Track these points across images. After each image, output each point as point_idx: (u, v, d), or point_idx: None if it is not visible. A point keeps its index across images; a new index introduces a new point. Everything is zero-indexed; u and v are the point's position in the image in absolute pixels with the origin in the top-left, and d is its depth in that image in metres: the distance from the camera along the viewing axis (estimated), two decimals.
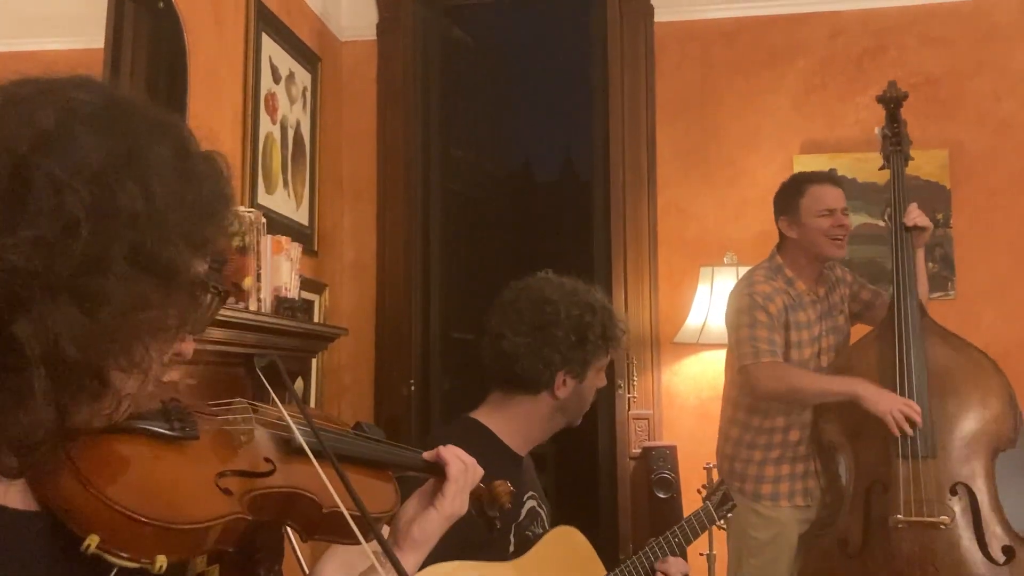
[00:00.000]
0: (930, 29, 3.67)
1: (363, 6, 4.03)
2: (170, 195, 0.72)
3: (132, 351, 0.72)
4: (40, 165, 0.68)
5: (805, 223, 2.74)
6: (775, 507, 2.73)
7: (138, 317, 0.71)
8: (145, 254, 0.70)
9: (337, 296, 3.88)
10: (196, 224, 0.74)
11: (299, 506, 0.90)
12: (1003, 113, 3.62)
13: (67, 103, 0.72)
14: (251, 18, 3.14)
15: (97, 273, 0.68)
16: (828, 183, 2.80)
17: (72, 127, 0.70)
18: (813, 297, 2.78)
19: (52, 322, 0.67)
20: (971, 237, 3.59)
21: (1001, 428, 2.56)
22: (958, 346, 2.65)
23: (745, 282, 2.80)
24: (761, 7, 3.77)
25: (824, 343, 2.77)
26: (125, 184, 0.70)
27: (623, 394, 3.70)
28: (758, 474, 2.74)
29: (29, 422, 0.68)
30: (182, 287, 0.74)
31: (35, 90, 0.73)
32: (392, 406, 3.88)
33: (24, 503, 0.74)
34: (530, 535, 1.75)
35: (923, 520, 2.47)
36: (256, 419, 0.93)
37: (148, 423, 0.80)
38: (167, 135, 0.75)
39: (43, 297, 0.67)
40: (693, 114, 3.81)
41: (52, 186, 0.67)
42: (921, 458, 2.50)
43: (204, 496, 0.79)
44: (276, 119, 3.35)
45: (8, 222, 0.66)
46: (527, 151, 6.52)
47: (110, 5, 2.40)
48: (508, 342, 1.73)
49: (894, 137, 2.82)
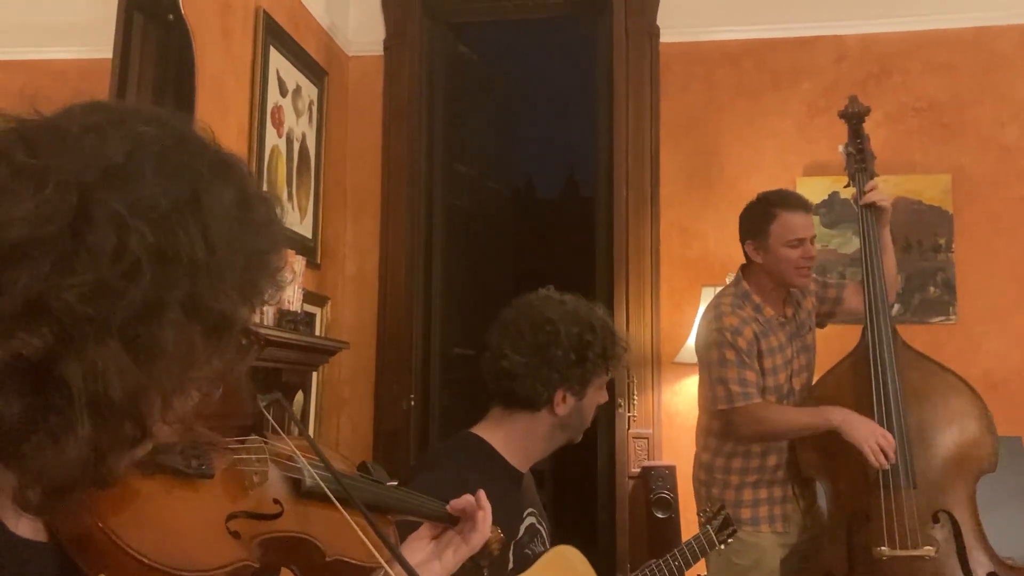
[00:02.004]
0: (934, 55, 3.69)
1: (371, 21, 4.06)
2: (229, 243, 0.70)
3: (176, 401, 0.71)
4: (105, 201, 0.65)
5: (773, 251, 2.63)
6: (756, 532, 2.65)
7: (186, 368, 0.69)
8: (201, 304, 0.68)
9: (339, 309, 3.88)
10: (250, 274, 0.73)
11: (303, 552, 0.90)
12: (1006, 139, 3.63)
13: (137, 137, 0.69)
14: (259, 31, 3.16)
15: (152, 320, 0.66)
16: (799, 210, 2.65)
17: (141, 163, 0.68)
18: (782, 319, 2.70)
19: (102, 366, 0.64)
20: (973, 262, 3.59)
21: (980, 452, 2.52)
22: (932, 370, 2.59)
23: (713, 314, 2.69)
24: (766, 30, 3.80)
25: (796, 364, 2.72)
26: (188, 229, 0.68)
27: (623, 413, 3.69)
28: (736, 499, 2.66)
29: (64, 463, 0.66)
30: (231, 338, 0.72)
31: (106, 119, 0.70)
32: (391, 420, 3.87)
33: (35, 533, 0.73)
34: (529, 553, 1.75)
35: (909, 553, 2.42)
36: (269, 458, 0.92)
37: (166, 458, 0.79)
38: (229, 178, 0.73)
39: (96, 340, 0.64)
40: (697, 135, 3.83)
41: (115, 225, 0.65)
42: (904, 488, 2.46)
43: (214, 541, 0.79)
44: (282, 132, 3.36)
45: (67, 261, 0.64)
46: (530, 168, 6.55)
47: (119, 16, 2.41)
48: (508, 361, 1.73)
49: (858, 154, 2.72)
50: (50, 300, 0.63)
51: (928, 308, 3.61)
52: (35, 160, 0.66)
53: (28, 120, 0.69)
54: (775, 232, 2.63)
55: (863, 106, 2.81)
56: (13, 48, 2.15)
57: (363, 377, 3.91)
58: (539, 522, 1.81)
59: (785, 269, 2.64)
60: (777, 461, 2.68)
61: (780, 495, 2.69)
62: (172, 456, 0.80)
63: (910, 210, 3.62)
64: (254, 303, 0.75)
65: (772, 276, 2.68)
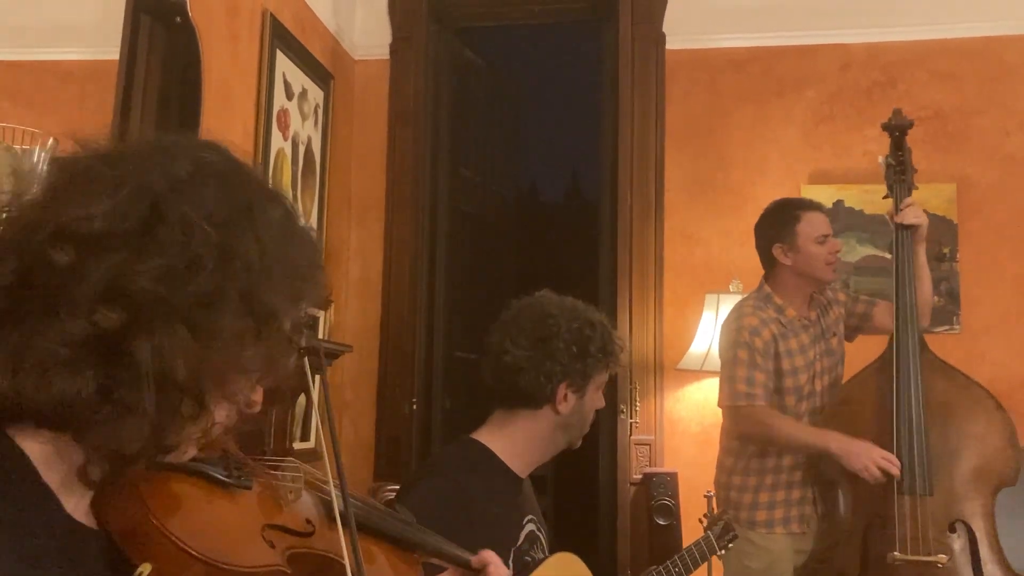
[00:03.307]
0: (940, 64, 3.69)
1: (377, 25, 4.06)
2: (277, 251, 0.80)
3: (229, 382, 0.79)
4: (174, 205, 0.76)
5: (803, 249, 2.72)
6: (770, 535, 2.70)
7: (239, 352, 0.78)
8: (254, 297, 0.78)
9: (342, 313, 3.88)
10: (294, 280, 0.82)
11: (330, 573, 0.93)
12: (1011, 149, 3.63)
13: (199, 158, 0.81)
14: (266, 35, 3.16)
15: (213, 307, 0.75)
16: (817, 209, 2.81)
17: (203, 179, 0.79)
18: (805, 322, 2.76)
19: (169, 345, 0.73)
20: (977, 272, 3.59)
21: (1001, 465, 2.53)
22: (959, 382, 2.61)
23: (735, 315, 2.78)
24: (772, 37, 3.80)
25: (818, 366, 2.76)
26: (245, 234, 0.78)
27: (625, 419, 3.69)
28: (753, 501, 2.72)
29: (130, 436, 0.74)
30: (277, 334, 0.81)
31: (172, 144, 0.82)
32: (393, 424, 3.87)
33: (87, 519, 0.78)
34: (529, 560, 1.75)
35: (920, 559, 2.43)
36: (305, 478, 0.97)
37: (209, 467, 0.85)
38: (278, 201, 0.84)
39: (163, 321, 0.73)
40: (702, 141, 3.83)
41: (183, 224, 0.75)
42: (919, 495, 2.47)
43: (251, 544, 0.83)
44: (288, 135, 3.37)
45: (142, 249, 0.74)
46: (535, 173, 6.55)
47: (126, 18, 2.42)
48: (510, 356, 1.74)
49: (898, 166, 2.75)
50: (126, 283, 0.72)
51: (932, 317, 3.59)
52: (114, 171, 0.77)
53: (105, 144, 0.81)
54: (803, 231, 2.73)
55: (906, 119, 2.82)
56: (21, 48, 2.16)
57: (366, 380, 3.91)
58: (538, 529, 1.81)
59: (816, 265, 2.73)
60: (795, 462, 2.71)
61: (798, 496, 2.73)
62: (216, 467, 0.86)
63: None
64: (298, 307, 0.84)
65: (802, 275, 2.75)
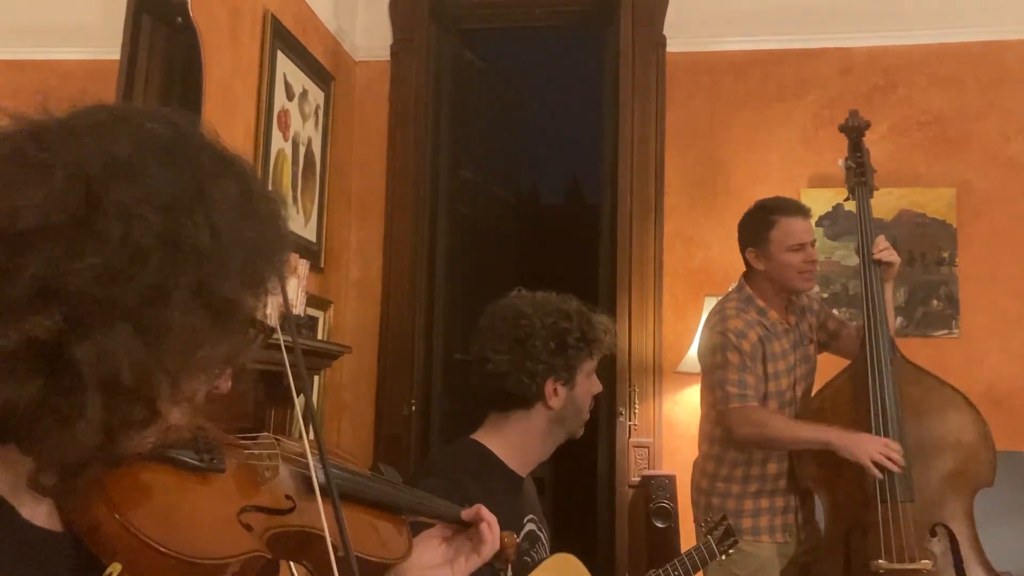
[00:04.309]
0: (940, 68, 3.69)
1: (378, 27, 4.07)
2: (233, 232, 0.73)
3: (184, 383, 0.73)
4: (112, 192, 0.68)
5: (775, 257, 2.67)
6: (756, 542, 2.65)
7: (193, 350, 0.72)
8: (207, 289, 0.71)
9: (341, 314, 3.88)
10: (255, 263, 0.75)
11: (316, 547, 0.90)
12: (1011, 154, 3.63)
13: (141, 133, 0.73)
14: (267, 35, 3.17)
15: (160, 304, 0.69)
16: (797, 215, 2.69)
17: (145, 158, 0.71)
18: (785, 326, 2.72)
19: (112, 348, 0.67)
20: (976, 276, 3.59)
21: (978, 466, 2.52)
22: (931, 384, 2.59)
23: (717, 317, 2.71)
24: (772, 41, 3.80)
25: (797, 372, 2.73)
26: (193, 218, 0.70)
27: (624, 421, 3.69)
28: (737, 508, 2.66)
29: (77, 445, 0.68)
30: (236, 324, 0.75)
31: (110, 118, 0.74)
32: (392, 426, 3.87)
33: (49, 523, 0.74)
34: (528, 560, 1.75)
35: (905, 567, 2.42)
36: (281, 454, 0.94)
37: (178, 452, 0.81)
38: (233, 172, 0.76)
39: (105, 323, 0.67)
40: (702, 145, 3.83)
41: (122, 213, 0.68)
42: (901, 502, 2.45)
43: (227, 532, 0.80)
44: (288, 136, 3.37)
45: (77, 247, 0.66)
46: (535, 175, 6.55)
47: (127, 18, 2.42)
48: (492, 363, 1.75)
49: (858, 168, 2.74)
50: (60, 284, 0.66)
51: (931, 322, 3.60)
52: (45, 154, 0.68)
53: (38, 119, 0.72)
54: (775, 239, 2.67)
55: (863, 120, 2.84)
56: (21, 48, 2.16)
57: (365, 382, 3.91)
58: (539, 528, 1.81)
59: (788, 274, 2.67)
60: (778, 470, 2.68)
61: (782, 505, 2.69)
62: (185, 451, 0.81)
63: (914, 223, 3.62)
64: (258, 292, 0.77)
65: (775, 282, 2.70)
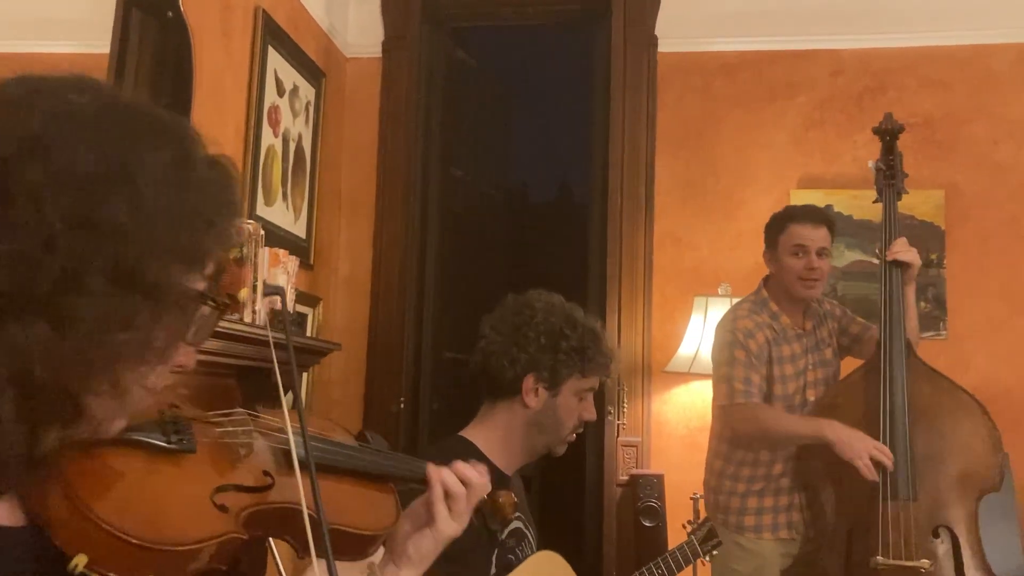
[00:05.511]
0: (929, 71, 3.71)
1: (370, 24, 4.06)
2: (163, 207, 0.67)
3: (109, 374, 0.67)
4: (24, 172, 0.63)
5: (780, 260, 2.72)
6: (758, 540, 2.71)
7: (116, 338, 0.66)
8: (127, 270, 0.65)
9: (331, 310, 3.87)
10: (192, 236, 0.69)
11: (298, 522, 0.87)
12: (999, 157, 3.65)
13: (61, 106, 0.67)
14: (258, 31, 3.16)
15: (72, 291, 0.63)
16: (809, 222, 2.70)
17: (62, 131, 0.65)
18: (799, 331, 2.75)
19: (22, 341, 0.62)
20: (964, 278, 3.61)
21: (986, 472, 2.54)
22: (945, 387, 2.62)
23: (730, 316, 2.78)
24: (764, 42, 3.81)
25: (811, 377, 2.75)
26: (110, 194, 0.65)
27: (612, 420, 3.70)
28: (741, 506, 2.73)
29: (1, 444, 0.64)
30: (170, 304, 0.68)
31: (28, 90, 0.69)
32: (381, 423, 3.86)
33: (11, 518, 0.71)
34: (512, 558, 1.75)
35: (903, 564, 2.44)
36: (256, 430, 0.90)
37: (144, 435, 0.77)
38: (168, 141, 0.70)
39: (14, 315, 0.62)
40: (692, 145, 3.84)
41: (32, 195, 0.63)
42: (903, 500, 2.48)
43: (198, 515, 0.77)
44: (278, 132, 3.36)
45: None
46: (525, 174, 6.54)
47: (117, 11, 2.40)
48: (486, 340, 1.77)
49: (888, 171, 2.76)
50: None
51: (918, 324, 3.61)
52: None
53: None
54: (782, 242, 2.72)
55: (897, 123, 2.83)
56: (9, 41, 2.15)
57: (354, 379, 3.91)
58: (526, 527, 1.81)
59: (788, 279, 2.70)
60: (783, 469, 2.72)
61: (786, 503, 2.73)
62: (151, 433, 0.78)
63: (902, 225, 3.61)
64: (199, 265, 0.71)
65: (781, 286, 2.74)
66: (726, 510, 2.75)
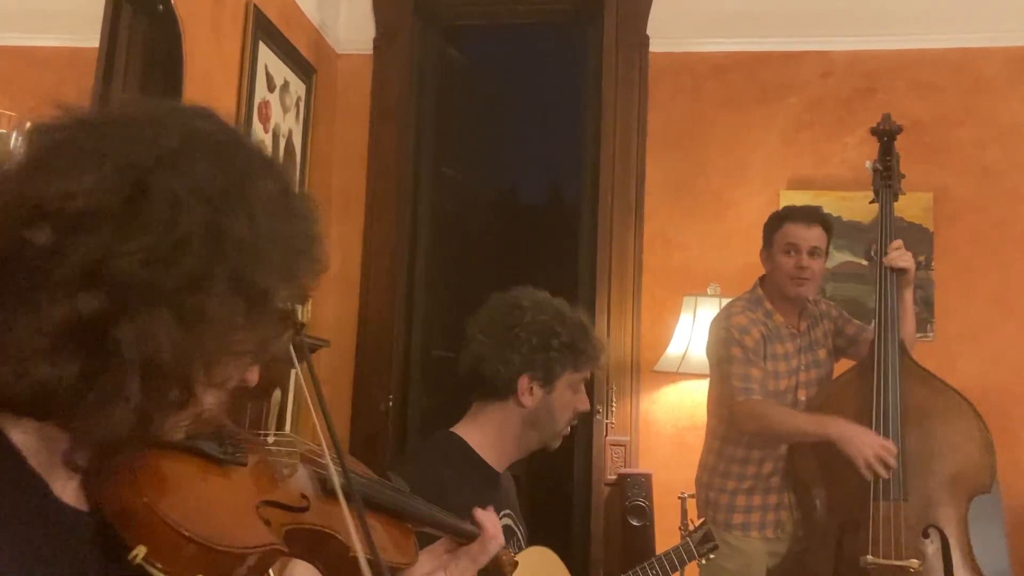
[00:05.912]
0: (919, 74, 3.72)
1: (361, 21, 4.05)
2: (272, 227, 0.75)
3: (218, 368, 0.75)
4: (161, 180, 0.71)
5: (773, 258, 2.74)
6: (745, 538, 2.72)
7: (228, 336, 0.74)
8: (244, 278, 0.73)
9: (319, 308, 3.86)
10: (290, 258, 0.78)
11: (328, 547, 0.92)
12: (987, 160, 3.67)
13: (190, 129, 0.76)
14: (249, 26, 3.14)
15: (200, 290, 0.71)
16: (803, 221, 2.72)
17: (195, 151, 0.74)
18: (793, 331, 2.77)
19: (153, 330, 0.69)
20: (952, 281, 3.63)
21: (977, 473, 2.55)
22: (938, 389, 2.63)
23: (724, 314, 2.80)
24: (755, 43, 3.82)
25: (803, 376, 2.77)
26: (235, 210, 0.74)
27: (601, 419, 3.70)
28: (730, 503, 2.74)
29: (114, 424, 0.70)
30: (269, 315, 0.77)
31: (161, 112, 0.78)
32: (370, 421, 3.86)
33: (77, 501, 0.76)
34: None
35: (893, 563, 2.45)
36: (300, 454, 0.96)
37: (203, 444, 0.82)
38: (273, 172, 0.80)
39: (148, 305, 0.69)
40: (683, 145, 3.84)
41: (170, 201, 0.71)
42: (894, 500, 2.49)
43: (247, 523, 0.81)
44: (268, 127, 3.35)
45: (124, 230, 0.69)
46: (516, 173, 6.54)
47: (107, 5, 2.39)
48: (476, 343, 1.75)
49: (885, 171, 2.77)
50: (107, 265, 0.68)
51: None
52: (96, 143, 0.72)
53: (89, 110, 0.76)
54: (776, 240, 2.74)
55: (895, 124, 2.84)
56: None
57: (342, 377, 3.89)
58: (516, 524, 1.81)
59: (780, 277, 2.72)
60: (773, 468, 2.73)
61: (775, 502, 2.74)
62: (209, 443, 0.83)
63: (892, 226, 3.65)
64: (292, 287, 0.79)
65: (775, 285, 2.76)
66: (716, 507, 2.76)
